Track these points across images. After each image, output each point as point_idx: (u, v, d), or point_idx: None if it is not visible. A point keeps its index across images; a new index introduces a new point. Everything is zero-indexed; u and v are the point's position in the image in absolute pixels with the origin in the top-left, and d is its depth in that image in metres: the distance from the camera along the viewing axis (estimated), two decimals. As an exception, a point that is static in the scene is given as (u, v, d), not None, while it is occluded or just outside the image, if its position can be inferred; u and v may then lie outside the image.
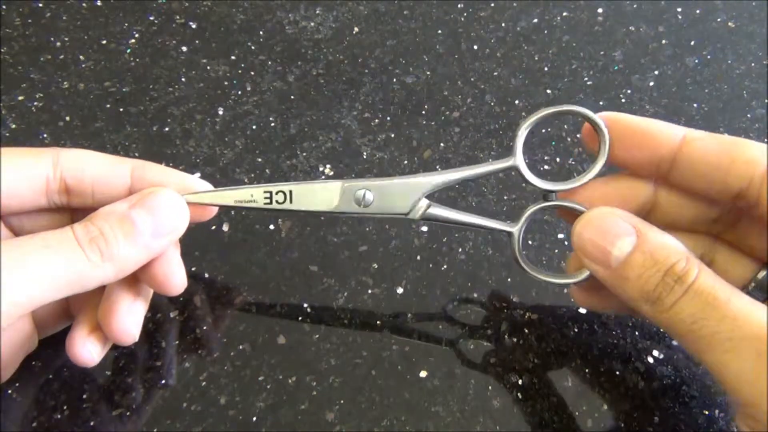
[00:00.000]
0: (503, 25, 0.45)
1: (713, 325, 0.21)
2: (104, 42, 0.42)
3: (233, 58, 0.42)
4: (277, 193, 0.28)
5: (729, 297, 0.21)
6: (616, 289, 0.24)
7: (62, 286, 0.23)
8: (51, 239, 0.24)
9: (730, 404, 0.29)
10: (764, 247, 0.26)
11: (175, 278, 0.27)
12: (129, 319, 0.27)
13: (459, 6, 0.46)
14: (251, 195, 0.28)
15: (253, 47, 0.43)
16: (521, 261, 0.29)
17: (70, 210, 0.28)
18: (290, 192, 0.28)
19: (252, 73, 0.41)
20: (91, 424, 0.28)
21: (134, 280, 0.27)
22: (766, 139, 0.39)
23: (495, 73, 0.42)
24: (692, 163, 0.25)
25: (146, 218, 0.25)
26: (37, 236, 0.24)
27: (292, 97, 0.40)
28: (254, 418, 0.29)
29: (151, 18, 0.44)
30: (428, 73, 0.42)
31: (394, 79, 0.42)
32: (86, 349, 0.27)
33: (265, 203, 0.28)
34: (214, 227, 0.35)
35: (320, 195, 0.29)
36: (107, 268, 0.24)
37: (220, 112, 0.39)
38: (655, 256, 0.23)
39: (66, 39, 0.42)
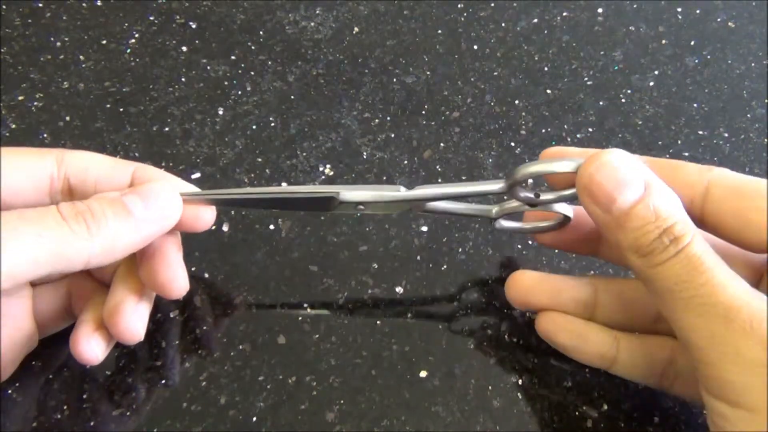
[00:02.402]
0: (503, 25, 0.45)
1: (694, 288, 0.22)
2: (104, 42, 0.42)
3: (233, 58, 0.42)
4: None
5: (715, 265, 0.22)
6: (609, 233, 0.24)
7: (43, 260, 0.22)
8: (28, 212, 0.23)
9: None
10: None
11: (178, 281, 0.27)
12: (135, 319, 0.27)
13: (459, 6, 0.46)
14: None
15: (253, 47, 0.43)
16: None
17: None
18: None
19: (252, 73, 0.41)
20: (91, 424, 0.28)
21: (138, 280, 0.27)
22: (766, 140, 0.39)
23: (495, 73, 0.42)
24: None
25: (137, 201, 0.25)
26: (13, 210, 0.23)
27: (292, 97, 0.40)
28: (254, 418, 0.29)
29: (151, 18, 0.44)
30: (428, 73, 0.42)
31: (394, 79, 0.42)
32: (90, 347, 0.27)
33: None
34: (214, 227, 0.34)
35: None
36: (94, 244, 0.23)
37: (220, 112, 0.39)
38: (658, 212, 0.23)
39: (66, 39, 0.42)
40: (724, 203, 0.24)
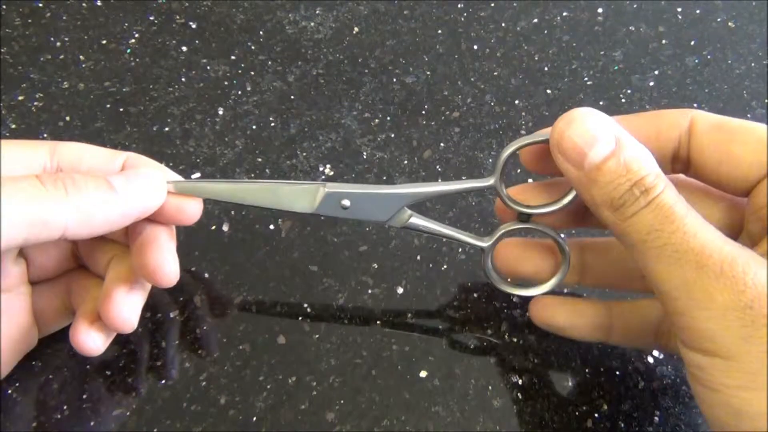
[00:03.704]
0: (503, 25, 0.45)
1: (665, 237, 0.22)
2: (104, 42, 0.42)
3: (233, 58, 0.42)
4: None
5: (686, 213, 0.22)
6: (583, 190, 0.24)
7: (18, 220, 0.22)
8: (7, 178, 0.23)
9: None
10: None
11: (167, 266, 0.27)
12: (126, 307, 0.26)
13: (459, 6, 0.46)
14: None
15: (253, 47, 0.43)
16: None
17: None
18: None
19: (252, 73, 0.41)
20: (91, 424, 0.28)
21: (130, 269, 0.27)
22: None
23: (495, 73, 0.42)
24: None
25: (120, 179, 0.25)
26: None
27: (292, 97, 0.40)
28: (254, 418, 0.29)
29: (151, 18, 0.44)
30: (428, 73, 0.42)
31: (394, 79, 0.42)
32: (90, 338, 0.27)
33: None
34: (214, 227, 0.35)
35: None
36: (70, 206, 0.23)
37: (220, 112, 0.39)
38: (628, 165, 0.23)
39: (66, 39, 0.42)
40: (707, 136, 0.24)
